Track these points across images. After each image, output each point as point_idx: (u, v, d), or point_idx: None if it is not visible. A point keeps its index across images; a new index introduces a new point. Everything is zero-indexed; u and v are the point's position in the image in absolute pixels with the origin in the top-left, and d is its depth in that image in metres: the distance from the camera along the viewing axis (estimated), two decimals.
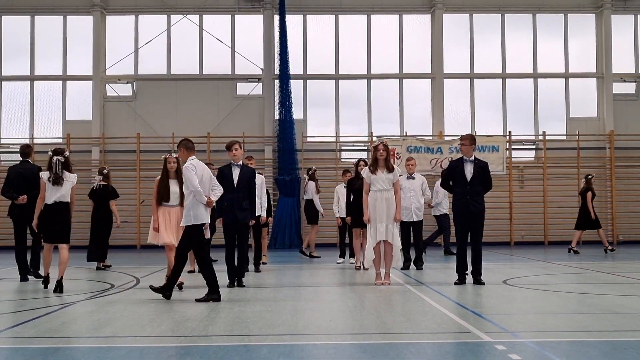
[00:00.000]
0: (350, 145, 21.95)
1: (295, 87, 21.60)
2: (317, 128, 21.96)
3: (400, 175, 10.86)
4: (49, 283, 9.81)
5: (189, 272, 12.23)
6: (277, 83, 21.54)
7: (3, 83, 22.10)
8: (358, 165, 12.57)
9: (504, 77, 22.26)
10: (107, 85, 21.81)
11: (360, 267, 12.54)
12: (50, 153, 9.88)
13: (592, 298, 8.61)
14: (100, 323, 6.99)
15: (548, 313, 7.55)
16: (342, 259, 14.35)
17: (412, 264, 12.65)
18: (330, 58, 22.04)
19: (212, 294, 8.48)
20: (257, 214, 12.32)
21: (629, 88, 22.37)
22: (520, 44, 22.32)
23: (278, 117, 21.35)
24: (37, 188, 10.12)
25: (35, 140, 21.25)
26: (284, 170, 20.84)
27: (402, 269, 12.24)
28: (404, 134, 21.41)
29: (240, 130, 21.05)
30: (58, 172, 9.67)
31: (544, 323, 6.90)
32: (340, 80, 22.10)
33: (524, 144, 22.25)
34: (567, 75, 22.28)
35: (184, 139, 9.13)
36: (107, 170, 13.67)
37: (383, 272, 10.28)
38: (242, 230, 10.11)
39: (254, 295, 9.15)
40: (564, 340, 6.00)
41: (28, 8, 21.84)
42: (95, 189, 13.45)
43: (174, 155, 9.29)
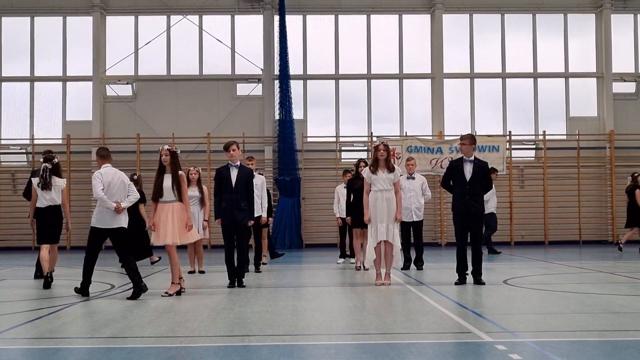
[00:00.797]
0: (350, 146, 21.95)
1: (295, 87, 21.61)
2: (317, 128, 21.97)
3: (401, 176, 10.86)
4: (52, 281, 10.18)
5: (189, 272, 12.25)
6: (277, 83, 21.55)
7: (3, 84, 22.10)
8: (358, 166, 12.57)
9: (504, 77, 22.26)
10: (107, 86, 21.82)
11: (361, 267, 12.54)
12: (42, 159, 10.41)
13: (592, 298, 8.61)
14: (101, 324, 7.00)
15: (548, 313, 7.55)
16: (342, 259, 14.36)
17: (412, 264, 12.65)
18: (330, 58, 22.05)
19: (137, 289, 8.82)
20: (257, 215, 12.35)
21: (629, 88, 22.37)
22: (520, 44, 22.33)
23: (278, 117, 21.36)
24: None
25: (35, 141, 21.26)
26: (284, 171, 20.84)
27: (402, 269, 12.24)
28: (404, 134, 21.41)
29: (240, 131, 21.06)
30: (46, 177, 10.17)
31: (545, 323, 6.91)
32: (340, 81, 22.10)
33: (524, 144, 22.25)
34: (567, 75, 22.28)
35: (100, 147, 9.80)
36: (137, 176, 14.00)
37: (383, 272, 10.28)
38: (241, 231, 10.10)
39: (254, 296, 9.15)
40: (565, 340, 5.99)
41: (28, 9, 21.85)
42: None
43: (166, 147, 9.33)
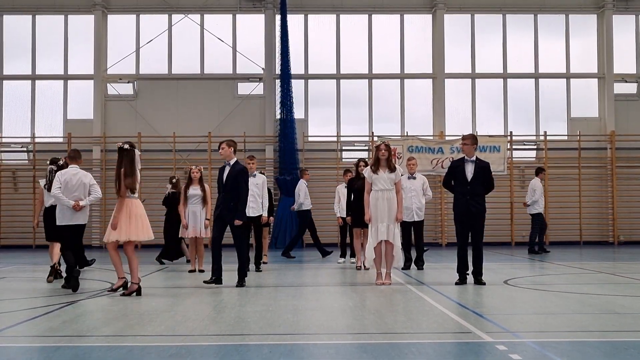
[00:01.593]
0: (351, 145, 21.95)
1: (297, 86, 21.62)
2: (318, 128, 21.98)
3: (402, 175, 10.85)
4: (56, 274, 10.89)
5: (190, 271, 12.25)
6: (278, 83, 21.56)
7: (4, 82, 22.12)
8: (358, 165, 12.57)
9: (505, 77, 22.27)
10: (108, 85, 21.83)
11: (361, 266, 12.54)
12: (48, 162, 11.01)
13: (592, 298, 8.60)
14: (101, 322, 7.00)
15: (549, 313, 7.54)
16: (342, 259, 14.36)
17: (412, 264, 12.65)
18: (332, 58, 22.05)
19: (69, 280, 9.53)
20: (258, 214, 12.36)
21: (630, 88, 22.37)
22: (522, 44, 22.33)
23: (279, 116, 21.37)
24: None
25: (36, 140, 21.29)
26: (285, 170, 20.84)
27: (403, 269, 12.23)
28: (405, 134, 21.41)
29: (241, 130, 21.07)
30: (52, 179, 10.41)
31: (545, 323, 6.90)
32: (342, 80, 22.10)
33: (525, 144, 22.25)
34: (568, 76, 22.28)
35: (70, 149, 10.43)
36: (176, 179, 14.49)
37: (384, 272, 10.28)
38: (233, 231, 9.96)
39: (255, 295, 9.15)
40: (565, 341, 5.99)
41: (29, 7, 21.87)
42: (167, 196, 14.37)
43: (124, 145, 9.37)
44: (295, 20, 21.94)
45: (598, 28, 22.34)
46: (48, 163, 10.89)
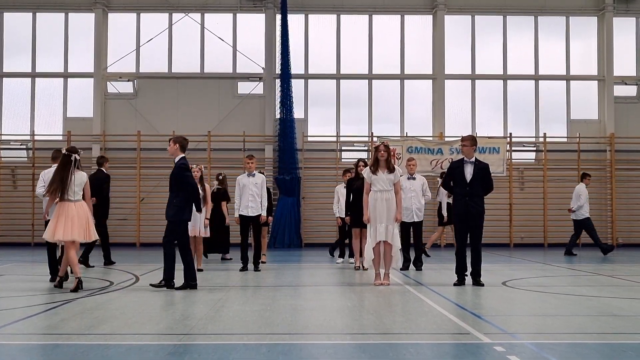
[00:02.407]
0: (351, 145, 21.94)
1: (296, 86, 21.60)
2: (317, 128, 21.96)
3: (401, 176, 10.85)
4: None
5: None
6: (278, 82, 21.54)
7: (4, 79, 22.09)
8: (358, 166, 12.57)
9: (505, 78, 22.27)
10: (108, 83, 21.82)
11: (360, 267, 12.54)
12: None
13: (590, 300, 8.61)
14: (99, 320, 7.00)
15: (547, 315, 7.55)
16: (341, 259, 14.36)
17: (411, 265, 12.65)
18: (332, 58, 22.04)
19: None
20: (257, 213, 12.37)
21: (630, 91, 22.37)
22: (522, 46, 22.33)
23: (279, 116, 21.35)
24: (101, 192, 13.04)
25: (36, 137, 21.27)
26: (284, 170, 20.83)
27: (401, 270, 12.23)
28: (405, 135, 21.41)
29: (241, 129, 21.07)
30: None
31: (543, 325, 6.91)
32: (342, 80, 22.10)
33: (525, 146, 22.25)
34: (568, 78, 22.29)
35: (54, 149, 10.91)
36: (222, 176, 14.85)
37: (382, 272, 10.28)
38: (167, 228, 9.64)
39: (253, 294, 9.16)
40: (563, 342, 6.00)
41: (30, 4, 21.84)
42: (214, 192, 14.50)
43: (63, 149, 10.03)
44: (296, 20, 21.93)
45: (598, 30, 22.35)
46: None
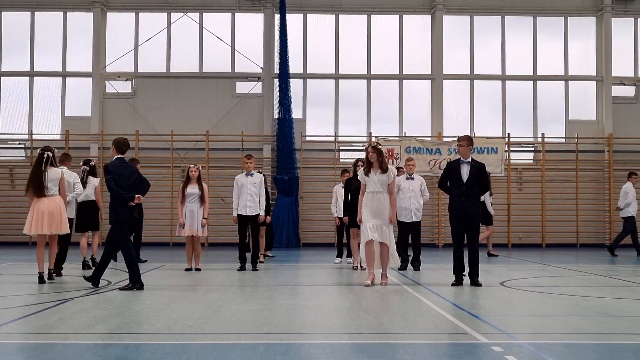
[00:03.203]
0: (349, 145, 21.93)
1: (295, 86, 21.60)
2: (316, 128, 21.96)
3: (400, 176, 10.84)
4: (91, 266, 12.21)
5: (186, 269, 12.25)
6: (276, 82, 21.53)
7: (2, 78, 22.07)
8: (356, 166, 12.56)
9: (504, 79, 22.28)
10: (106, 82, 21.80)
11: (358, 267, 12.54)
12: (82, 163, 13.02)
13: (588, 301, 8.62)
14: (97, 320, 7.00)
15: (544, 315, 7.56)
16: (339, 259, 14.36)
17: (409, 265, 12.65)
18: (330, 58, 22.04)
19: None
20: (255, 213, 12.37)
21: (629, 91, 22.39)
22: (520, 46, 22.33)
23: (277, 116, 21.34)
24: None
25: (34, 136, 21.25)
26: (283, 170, 20.83)
27: (399, 270, 12.23)
28: (403, 135, 21.42)
29: (239, 129, 21.06)
30: (84, 177, 12.51)
31: (541, 325, 6.92)
32: (340, 80, 22.09)
33: (523, 146, 22.25)
34: (566, 78, 22.31)
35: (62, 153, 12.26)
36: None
37: (379, 272, 10.26)
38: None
39: (251, 294, 9.16)
40: (560, 342, 6.00)
41: (28, 4, 21.82)
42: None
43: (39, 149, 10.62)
44: (294, 20, 21.92)
45: (597, 31, 22.36)
46: (82, 164, 12.89)
